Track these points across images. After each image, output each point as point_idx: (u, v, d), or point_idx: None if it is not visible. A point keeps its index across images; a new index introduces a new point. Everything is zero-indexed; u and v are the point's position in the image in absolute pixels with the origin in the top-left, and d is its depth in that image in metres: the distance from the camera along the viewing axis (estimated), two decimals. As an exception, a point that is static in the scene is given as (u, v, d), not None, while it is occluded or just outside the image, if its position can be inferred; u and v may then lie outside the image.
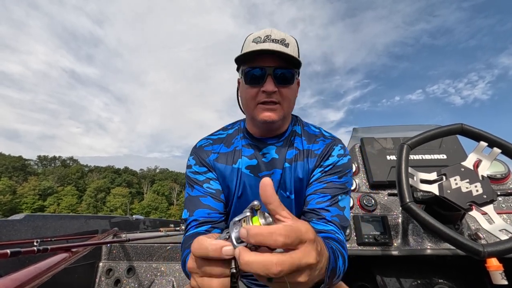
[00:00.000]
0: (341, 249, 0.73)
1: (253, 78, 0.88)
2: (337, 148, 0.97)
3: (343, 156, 0.96)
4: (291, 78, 0.89)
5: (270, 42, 0.86)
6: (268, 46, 0.84)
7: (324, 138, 1.01)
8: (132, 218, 3.25)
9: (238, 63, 0.92)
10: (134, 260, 2.16)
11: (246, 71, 0.89)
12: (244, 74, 0.90)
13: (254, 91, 0.89)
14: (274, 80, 0.86)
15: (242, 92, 0.95)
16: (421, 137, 1.16)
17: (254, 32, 0.93)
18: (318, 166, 0.96)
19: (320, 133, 1.04)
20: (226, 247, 0.43)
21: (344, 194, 0.92)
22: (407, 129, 1.84)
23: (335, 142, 0.99)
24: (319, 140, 1.00)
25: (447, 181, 1.10)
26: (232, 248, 0.43)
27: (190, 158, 1.04)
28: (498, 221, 1.02)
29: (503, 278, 1.03)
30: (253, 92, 0.89)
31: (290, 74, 0.88)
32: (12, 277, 0.78)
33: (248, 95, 0.91)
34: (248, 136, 1.03)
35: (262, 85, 0.87)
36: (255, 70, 0.87)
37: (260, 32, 0.90)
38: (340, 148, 0.98)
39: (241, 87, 0.96)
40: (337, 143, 0.99)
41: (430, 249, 1.25)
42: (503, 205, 1.35)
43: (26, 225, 1.75)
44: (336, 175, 0.93)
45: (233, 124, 1.13)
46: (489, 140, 1.10)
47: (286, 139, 1.00)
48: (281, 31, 0.91)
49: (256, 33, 0.91)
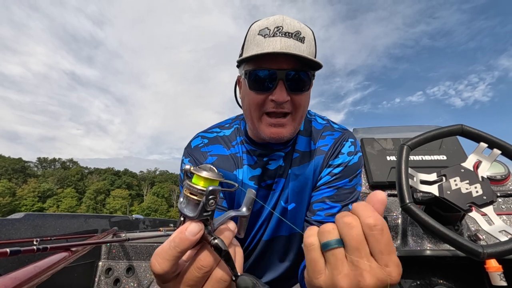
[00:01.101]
0: None
1: (259, 83, 0.71)
2: (347, 145, 0.86)
3: (354, 154, 0.85)
4: (307, 83, 0.73)
5: (282, 37, 0.68)
6: (280, 43, 0.67)
7: (332, 131, 0.89)
8: (131, 217, 3.24)
9: (240, 59, 0.75)
10: (133, 260, 2.16)
11: (250, 72, 0.72)
12: (248, 76, 0.72)
13: (260, 99, 0.73)
14: (287, 86, 0.70)
15: (245, 97, 0.78)
16: (421, 138, 1.16)
17: (261, 20, 0.73)
18: (326, 166, 0.84)
19: (328, 126, 0.91)
20: (188, 228, 0.36)
21: (355, 201, 0.83)
22: (407, 130, 1.84)
23: (345, 136, 0.88)
24: (326, 134, 0.88)
25: (447, 182, 1.10)
26: (194, 224, 0.36)
27: (186, 161, 0.91)
28: (497, 222, 1.02)
29: (502, 279, 1.03)
30: (259, 100, 0.73)
31: (306, 78, 0.72)
32: (12, 276, 0.78)
33: (252, 102, 0.74)
34: (249, 141, 0.89)
35: (271, 92, 0.71)
36: (262, 72, 0.70)
37: (269, 21, 0.70)
38: (351, 144, 0.86)
39: (244, 90, 0.79)
40: (348, 137, 0.88)
41: (429, 250, 1.25)
42: (503, 206, 1.35)
43: (26, 224, 1.74)
44: (346, 178, 0.82)
45: (231, 123, 0.97)
46: (489, 141, 1.10)
47: (293, 143, 0.88)
48: (294, 18, 0.72)
49: (264, 21, 0.72)
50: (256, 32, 0.71)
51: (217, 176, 0.38)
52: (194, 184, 0.38)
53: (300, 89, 0.72)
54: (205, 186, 0.37)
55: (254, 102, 0.74)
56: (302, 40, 0.69)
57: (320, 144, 0.87)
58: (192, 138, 0.95)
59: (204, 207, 0.36)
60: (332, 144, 0.86)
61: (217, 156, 0.89)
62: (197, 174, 0.38)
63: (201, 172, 0.38)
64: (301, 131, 0.90)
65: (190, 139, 0.95)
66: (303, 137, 0.89)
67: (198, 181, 0.38)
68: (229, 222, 0.42)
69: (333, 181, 0.83)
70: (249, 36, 0.73)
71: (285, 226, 0.91)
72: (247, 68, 0.73)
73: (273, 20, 0.70)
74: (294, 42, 0.68)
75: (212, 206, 0.37)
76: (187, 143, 0.95)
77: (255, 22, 0.75)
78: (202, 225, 0.37)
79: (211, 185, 0.37)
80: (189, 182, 0.39)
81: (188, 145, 0.94)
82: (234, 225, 0.42)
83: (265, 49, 0.68)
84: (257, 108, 0.74)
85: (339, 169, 0.83)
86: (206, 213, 0.37)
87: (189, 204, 0.38)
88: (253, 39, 0.71)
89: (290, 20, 0.70)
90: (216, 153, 0.89)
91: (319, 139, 0.88)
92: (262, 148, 0.87)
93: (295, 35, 0.68)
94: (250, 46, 0.72)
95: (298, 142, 0.89)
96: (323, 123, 0.92)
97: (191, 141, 0.94)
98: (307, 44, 0.70)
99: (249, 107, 0.76)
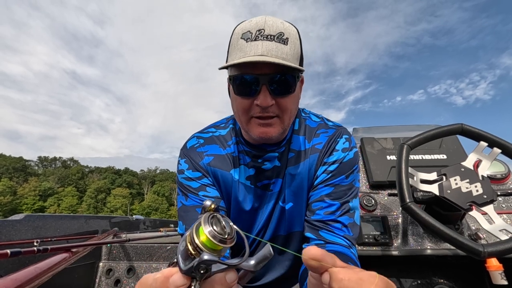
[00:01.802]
0: None
1: (244, 88, 0.71)
2: (341, 141, 0.85)
3: (349, 150, 0.84)
4: (292, 85, 0.72)
5: (263, 40, 0.67)
6: (261, 47, 0.66)
7: (326, 129, 0.89)
8: (132, 218, 3.24)
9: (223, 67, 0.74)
10: (134, 260, 2.16)
11: (234, 78, 0.72)
12: (233, 81, 0.72)
13: (246, 103, 0.73)
14: (270, 90, 0.70)
15: (233, 101, 0.78)
16: (421, 137, 1.16)
17: (244, 22, 0.73)
18: (321, 164, 0.84)
19: (322, 124, 0.91)
20: (174, 277, 0.34)
21: (353, 197, 0.83)
22: (407, 129, 1.84)
23: (339, 133, 0.87)
24: (320, 132, 0.88)
25: (447, 181, 1.10)
26: (180, 276, 0.33)
27: (182, 162, 0.90)
28: (498, 221, 1.02)
29: (503, 278, 1.03)
30: (245, 104, 0.73)
31: (291, 80, 0.71)
32: (12, 277, 0.78)
33: (239, 106, 0.75)
34: (244, 142, 0.88)
35: (255, 97, 0.70)
36: (245, 77, 0.70)
37: (252, 24, 0.70)
38: (345, 141, 0.86)
39: (231, 94, 0.79)
40: (342, 134, 0.87)
41: (430, 249, 1.25)
42: (503, 205, 1.35)
43: (26, 225, 1.75)
44: (343, 174, 0.82)
45: (226, 123, 0.97)
46: (489, 140, 1.10)
47: (287, 142, 0.88)
48: (277, 17, 0.71)
49: (246, 23, 0.71)
50: (239, 35, 0.71)
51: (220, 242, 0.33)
52: (197, 234, 0.33)
53: (284, 92, 0.72)
54: (204, 243, 0.32)
55: (241, 107, 0.74)
56: (285, 42, 0.68)
57: (314, 142, 0.87)
58: (188, 139, 0.95)
59: (195, 268, 0.32)
60: (326, 141, 0.86)
61: (214, 156, 0.89)
62: (202, 226, 0.33)
63: (206, 226, 0.33)
64: (295, 130, 0.90)
65: (186, 140, 0.95)
66: (298, 136, 0.89)
67: (201, 233, 0.33)
68: (229, 273, 0.36)
69: (329, 179, 0.82)
70: (233, 39, 0.73)
71: (284, 226, 0.91)
72: (232, 73, 0.73)
73: (255, 23, 0.69)
74: (276, 45, 0.67)
75: (201, 273, 0.33)
76: (183, 144, 0.94)
77: (239, 24, 0.74)
78: (188, 281, 0.34)
79: (209, 250, 0.32)
80: (195, 226, 0.34)
81: (184, 146, 0.93)
82: (235, 277, 0.36)
83: (247, 54, 0.67)
84: (245, 112, 0.75)
85: (334, 166, 0.83)
86: (194, 274, 0.33)
87: (184, 252, 0.34)
88: (236, 43, 0.71)
89: (273, 22, 0.69)
90: (212, 153, 0.89)
91: (314, 137, 0.88)
92: (256, 149, 0.86)
93: (278, 37, 0.68)
94: (234, 51, 0.72)
95: (293, 141, 0.88)
96: (317, 121, 0.92)
97: (187, 142, 0.94)
98: (291, 45, 0.70)
99: (237, 111, 0.77)
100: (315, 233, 0.81)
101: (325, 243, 0.78)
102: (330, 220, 0.79)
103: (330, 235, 0.78)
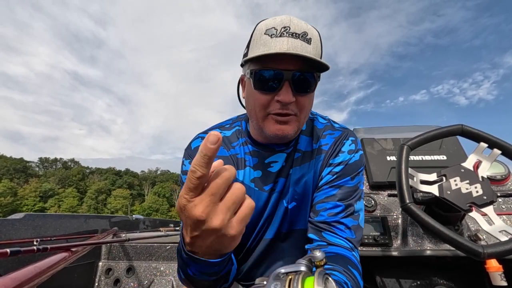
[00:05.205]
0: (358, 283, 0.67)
1: (265, 83, 0.71)
2: (347, 143, 0.86)
3: (355, 152, 0.85)
4: (312, 84, 0.73)
5: (288, 37, 0.67)
6: (287, 43, 0.66)
7: (333, 131, 0.89)
8: (132, 217, 3.24)
9: (245, 59, 0.75)
10: (133, 260, 2.16)
11: (256, 72, 0.71)
12: (253, 76, 0.72)
13: (266, 99, 0.73)
14: (292, 87, 0.70)
15: (250, 97, 0.78)
16: (421, 138, 1.16)
17: (268, 19, 0.73)
18: (326, 165, 0.84)
19: (329, 125, 0.91)
20: (210, 137, 0.41)
21: (358, 199, 0.82)
22: (407, 130, 1.84)
23: (345, 134, 0.88)
24: (327, 133, 0.88)
25: (447, 182, 1.10)
26: (215, 134, 0.40)
27: (186, 162, 0.90)
28: (498, 222, 1.02)
29: (503, 279, 1.03)
30: (264, 100, 0.73)
31: (312, 79, 0.72)
32: (12, 276, 0.78)
33: (257, 102, 0.74)
34: (251, 142, 0.89)
35: (276, 93, 0.71)
36: (268, 72, 0.70)
37: (276, 21, 0.70)
38: (351, 143, 0.86)
39: (248, 89, 0.79)
40: (348, 136, 0.87)
41: (430, 250, 1.25)
42: (503, 206, 1.35)
43: (26, 225, 1.75)
44: (348, 176, 0.82)
45: (231, 124, 0.97)
46: (489, 141, 1.10)
47: (295, 143, 0.88)
48: (301, 19, 0.72)
49: (271, 20, 0.71)
50: (262, 31, 0.71)
51: None
52: (303, 284, 0.30)
53: (305, 90, 0.72)
54: None
55: (259, 103, 0.74)
56: (308, 41, 0.69)
57: (321, 143, 0.87)
58: (192, 139, 0.95)
59: None
60: (332, 143, 0.86)
61: (217, 157, 0.88)
62: (314, 282, 0.30)
63: (319, 283, 0.30)
64: (303, 131, 0.90)
65: (190, 141, 0.95)
66: (305, 137, 0.90)
67: (308, 285, 0.31)
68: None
69: (334, 180, 0.82)
70: (255, 35, 0.73)
71: (286, 225, 0.91)
72: (253, 67, 0.73)
73: (280, 20, 0.70)
74: (301, 43, 0.68)
75: None
76: (187, 145, 0.94)
77: (261, 21, 0.75)
78: (220, 135, 0.41)
79: None
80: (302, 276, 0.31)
81: (188, 147, 0.93)
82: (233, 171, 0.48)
83: (271, 49, 0.67)
84: (262, 108, 0.74)
85: (339, 167, 0.83)
86: None
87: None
88: (259, 39, 0.71)
89: (297, 21, 0.70)
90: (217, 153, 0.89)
91: (320, 139, 0.88)
92: (265, 149, 0.86)
93: (302, 36, 0.68)
94: (256, 46, 0.72)
95: (300, 141, 0.89)
96: (324, 123, 0.92)
97: (191, 142, 0.94)
98: (314, 45, 0.70)
99: (254, 107, 0.76)
100: (318, 235, 0.80)
101: (327, 245, 0.77)
102: (333, 222, 0.78)
103: (333, 237, 0.77)
